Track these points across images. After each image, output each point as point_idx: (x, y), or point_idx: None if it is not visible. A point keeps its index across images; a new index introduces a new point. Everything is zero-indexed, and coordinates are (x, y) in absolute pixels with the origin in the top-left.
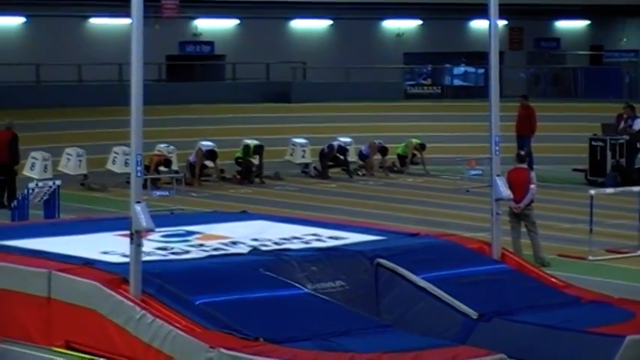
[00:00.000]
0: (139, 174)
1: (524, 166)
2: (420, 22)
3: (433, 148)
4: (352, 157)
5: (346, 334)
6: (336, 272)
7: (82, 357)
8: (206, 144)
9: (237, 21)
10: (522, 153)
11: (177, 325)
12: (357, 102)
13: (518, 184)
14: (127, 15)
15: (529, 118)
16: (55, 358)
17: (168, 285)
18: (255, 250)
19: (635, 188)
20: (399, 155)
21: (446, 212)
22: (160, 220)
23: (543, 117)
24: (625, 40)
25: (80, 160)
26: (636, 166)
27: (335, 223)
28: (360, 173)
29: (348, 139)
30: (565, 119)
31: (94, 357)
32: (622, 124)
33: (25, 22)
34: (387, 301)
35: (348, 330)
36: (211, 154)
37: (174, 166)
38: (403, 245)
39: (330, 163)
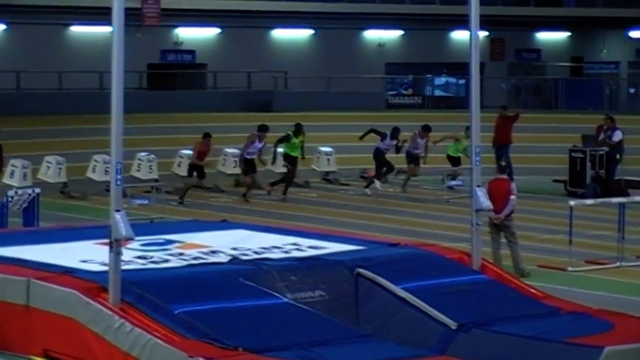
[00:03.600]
0: (118, 182)
1: (505, 176)
2: (401, 32)
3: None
4: (333, 166)
5: (326, 343)
6: (315, 282)
7: None
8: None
9: (219, 30)
10: (503, 164)
11: (156, 334)
12: (339, 112)
13: (499, 195)
14: (108, 23)
15: (507, 129)
16: None
17: (148, 294)
18: (234, 260)
19: (615, 199)
20: (449, 156)
21: (426, 222)
22: (140, 228)
23: (524, 128)
24: (605, 51)
25: (60, 168)
26: (616, 178)
27: (315, 233)
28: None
29: (329, 149)
30: (545, 130)
31: None
32: (602, 136)
33: (5, 30)
34: (367, 311)
35: (327, 340)
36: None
37: (155, 175)
38: (383, 255)
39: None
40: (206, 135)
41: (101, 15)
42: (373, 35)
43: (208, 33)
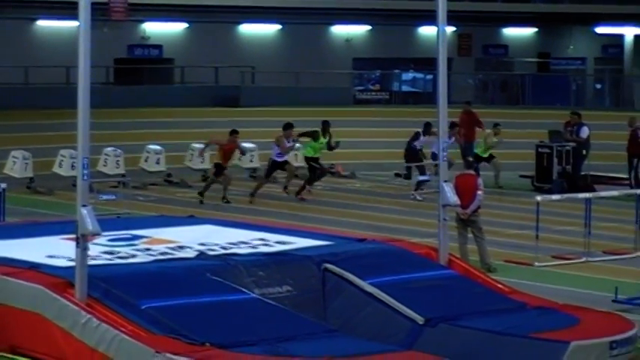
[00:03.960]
0: (85, 177)
1: (472, 172)
2: (368, 27)
3: (381, 153)
4: (300, 161)
5: (293, 339)
6: (283, 277)
7: None
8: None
9: (186, 25)
10: (470, 159)
11: (123, 329)
12: (306, 107)
13: (466, 190)
14: (75, 18)
15: (472, 124)
16: None
17: (114, 289)
18: (202, 255)
19: (581, 195)
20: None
21: (393, 218)
22: (107, 223)
23: (491, 123)
24: (572, 47)
25: (26, 163)
26: (582, 173)
27: (282, 228)
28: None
29: (297, 144)
30: (512, 126)
31: None
32: (568, 132)
33: None
34: (334, 306)
35: (294, 335)
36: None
37: (121, 170)
38: (350, 250)
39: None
40: (233, 132)
41: (68, 9)
42: (341, 30)
43: (175, 28)
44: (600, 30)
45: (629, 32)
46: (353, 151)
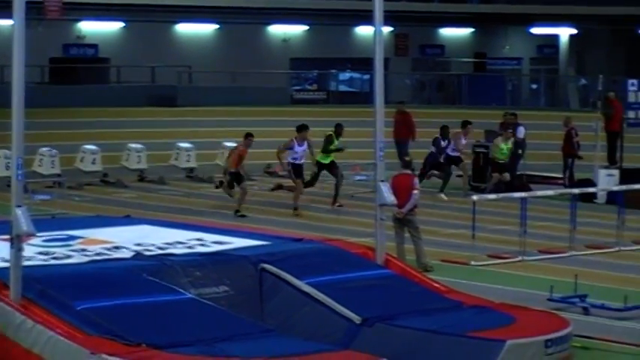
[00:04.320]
0: (19, 177)
1: (409, 171)
2: (306, 27)
3: (317, 153)
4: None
5: (230, 339)
6: (220, 277)
7: None
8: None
9: (122, 24)
10: (407, 159)
11: (58, 330)
12: (243, 106)
13: (402, 190)
14: (9, 16)
15: (406, 124)
16: None
17: (50, 290)
18: (138, 255)
19: (517, 194)
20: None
21: (330, 217)
22: (42, 224)
23: (428, 123)
24: (508, 47)
25: None
26: (518, 173)
27: (219, 228)
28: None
29: (233, 144)
30: (449, 125)
31: None
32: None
33: None
34: (271, 306)
35: (231, 335)
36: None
37: (57, 170)
38: (287, 250)
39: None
40: (248, 135)
41: (2, 8)
42: (278, 30)
43: (111, 27)
44: (535, 30)
45: (564, 32)
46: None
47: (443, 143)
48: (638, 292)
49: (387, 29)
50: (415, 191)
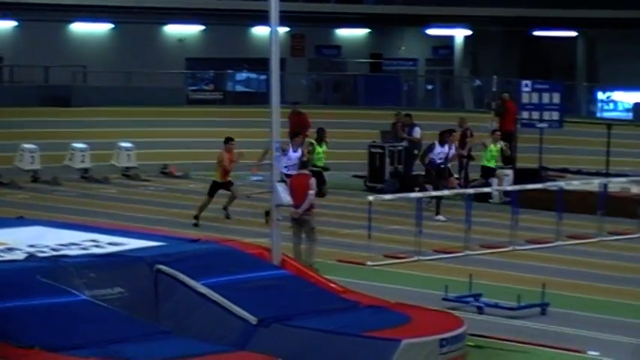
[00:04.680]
0: None
1: (306, 171)
2: (202, 27)
3: (214, 154)
4: (133, 161)
5: (124, 340)
6: (114, 279)
7: None
8: None
9: (15, 23)
10: (304, 159)
11: None
12: (139, 107)
13: (299, 190)
14: None
15: (301, 124)
16: None
17: None
18: (31, 257)
19: (413, 194)
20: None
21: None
22: None
23: (324, 123)
24: (403, 48)
25: None
26: (414, 173)
27: (114, 229)
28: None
29: (129, 145)
30: (345, 126)
31: None
32: (401, 132)
33: None
34: (167, 308)
35: (126, 337)
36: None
37: None
38: (183, 251)
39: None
40: (229, 139)
41: None
42: (173, 30)
43: (4, 26)
44: (430, 31)
45: (458, 34)
46: (186, 151)
47: (439, 150)
48: (531, 291)
49: (283, 30)
50: (311, 191)
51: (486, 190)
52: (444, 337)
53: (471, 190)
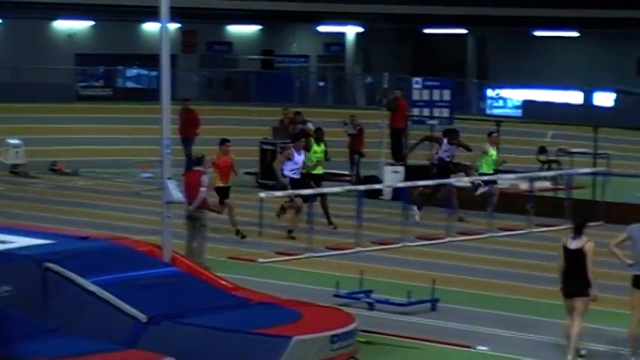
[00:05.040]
0: None
1: (200, 168)
2: (92, 23)
3: (105, 150)
4: (21, 158)
5: (12, 339)
6: (2, 277)
7: None
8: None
9: None
10: (199, 156)
11: None
12: (28, 103)
13: (193, 187)
14: None
15: (192, 121)
16: None
17: None
18: None
19: (305, 191)
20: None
21: (117, 215)
22: None
23: (216, 120)
24: (295, 45)
25: None
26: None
27: (1, 227)
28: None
29: (17, 141)
30: (237, 122)
31: None
32: (289, 128)
33: None
34: (56, 306)
35: (14, 335)
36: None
37: None
38: (72, 249)
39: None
40: (225, 140)
41: None
42: (63, 25)
43: None
44: (322, 28)
45: (350, 30)
46: (76, 147)
47: (446, 147)
48: (421, 287)
49: (173, 26)
50: (202, 188)
51: (377, 186)
52: (335, 333)
53: (362, 187)
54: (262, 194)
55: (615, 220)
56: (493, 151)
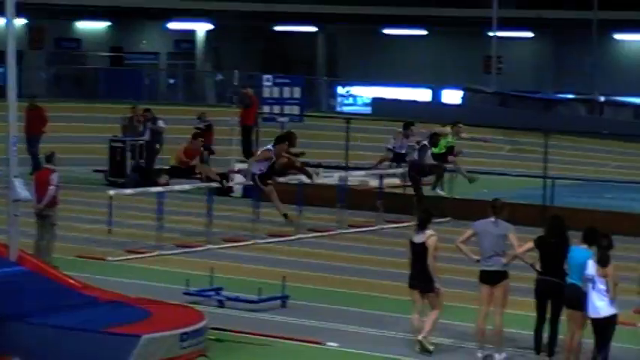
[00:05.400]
0: None
1: (50, 166)
2: None
3: None
4: None
5: None
6: None
7: None
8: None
9: None
10: (49, 153)
11: None
12: None
13: (43, 185)
14: None
15: (38, 119)
16: None
17: None
18: None
19: (154, 189)
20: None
21: None
22: None
23: (64, 117)
24: (145, 42)
25: None
26: (156, 167)
27: None
28: None
29: None
30: (86, 120)
31: None
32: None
33: None
34: None
35: None
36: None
37: None
38: None
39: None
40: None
41: None
42: None
43: None
44: (172, 25)
45: (200, 28)
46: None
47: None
48: (272, 284)
49: (20, 21)
50: (51, 187)
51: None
52: (185, 331)
53: (212, 184)
54: (111, 192)
55: (463, 216)
56: (443, 140)
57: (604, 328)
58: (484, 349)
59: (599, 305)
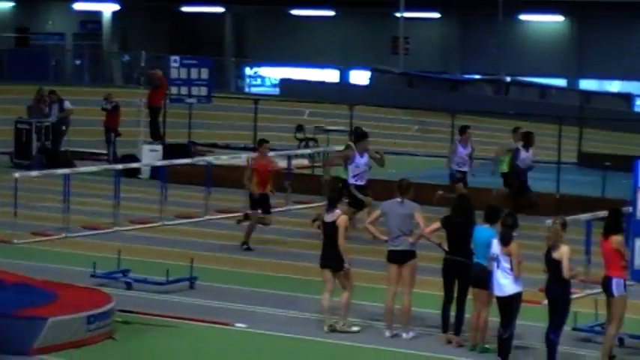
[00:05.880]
0: None
1: None
2: None
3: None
4: None
5: None
6: None
7: None
8: None
9: None
10: None
11: None
12: None
13: None
14: None
15: None
16: None
17: None
18: None
19: (60, 171)
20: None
21: None
22: None
23: None
24: (51, 23)
25: None
26: (62, 149)
27: None
28: None
29: None
30: None
31: None
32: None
33: None
34: None
35: None
36: None
37: None
38: None
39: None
40: (262, 141)
41: None
42: None
43: None
44: (78, 6)
45: (107, 9)
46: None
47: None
48: (180, 266)
49: None
50: None
51: (134, 165)
52: (91, 314)
53: (119, 166)
54: (17, 174)
55: (375, 197)
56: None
57: (508, 305)
58: (392, 328)
59: (504, 283)
